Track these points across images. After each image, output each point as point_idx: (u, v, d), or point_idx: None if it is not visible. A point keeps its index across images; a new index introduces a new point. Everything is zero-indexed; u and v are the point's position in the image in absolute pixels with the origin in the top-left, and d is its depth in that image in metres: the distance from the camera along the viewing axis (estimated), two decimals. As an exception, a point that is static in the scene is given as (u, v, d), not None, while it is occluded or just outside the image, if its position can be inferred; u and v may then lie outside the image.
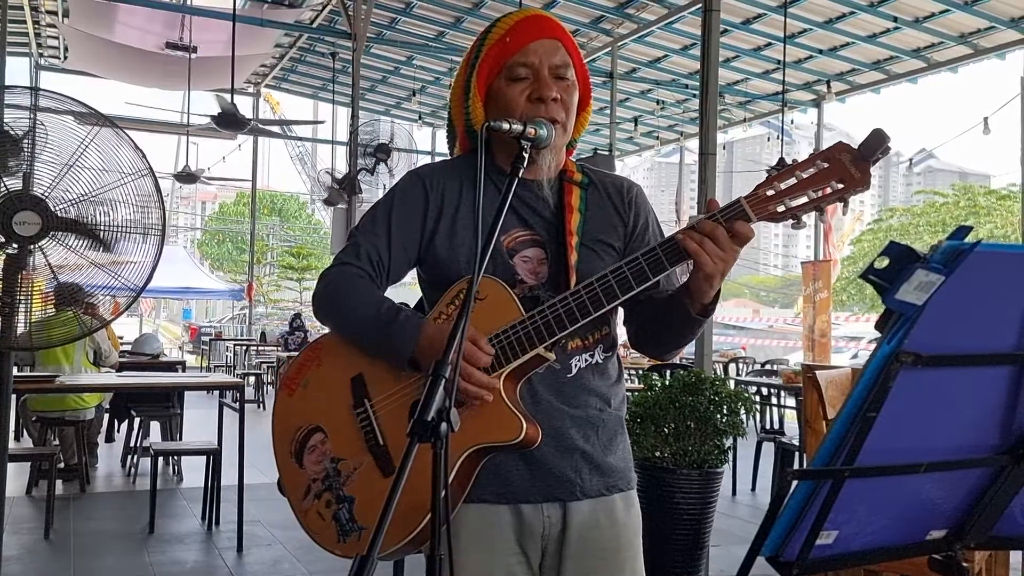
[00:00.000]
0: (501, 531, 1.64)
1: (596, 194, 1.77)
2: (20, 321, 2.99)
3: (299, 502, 1.71)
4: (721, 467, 4.30)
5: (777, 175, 1.48)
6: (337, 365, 1.71)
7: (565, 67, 1.69)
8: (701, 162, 6.57)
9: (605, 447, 1.71)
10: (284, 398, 1.78)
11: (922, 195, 38.67)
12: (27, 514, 5.55)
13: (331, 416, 1.69)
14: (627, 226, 1.78)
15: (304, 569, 4.57)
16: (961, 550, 1.30)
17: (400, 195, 1.75)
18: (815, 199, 1.45)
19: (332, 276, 1.73)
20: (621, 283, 1.53)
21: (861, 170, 1.41)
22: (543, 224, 1.71)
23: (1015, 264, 1.09)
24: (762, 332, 28.55)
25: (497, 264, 1.65)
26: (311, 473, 1.70)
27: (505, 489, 1.64)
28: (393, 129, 12.40)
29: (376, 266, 1.71)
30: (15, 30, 14.43)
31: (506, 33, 1.70)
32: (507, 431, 1.54)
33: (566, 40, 1.72)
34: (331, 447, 1.69)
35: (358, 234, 1.75)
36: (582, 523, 1.67)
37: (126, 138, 2.91)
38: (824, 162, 1.43)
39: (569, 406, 1.66)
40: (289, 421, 1.76)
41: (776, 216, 1.48)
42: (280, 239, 41.30)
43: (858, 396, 1.08)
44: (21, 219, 2.85)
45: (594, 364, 1.70)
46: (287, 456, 1.74)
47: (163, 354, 9.41)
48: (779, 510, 1.14)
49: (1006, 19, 10.35)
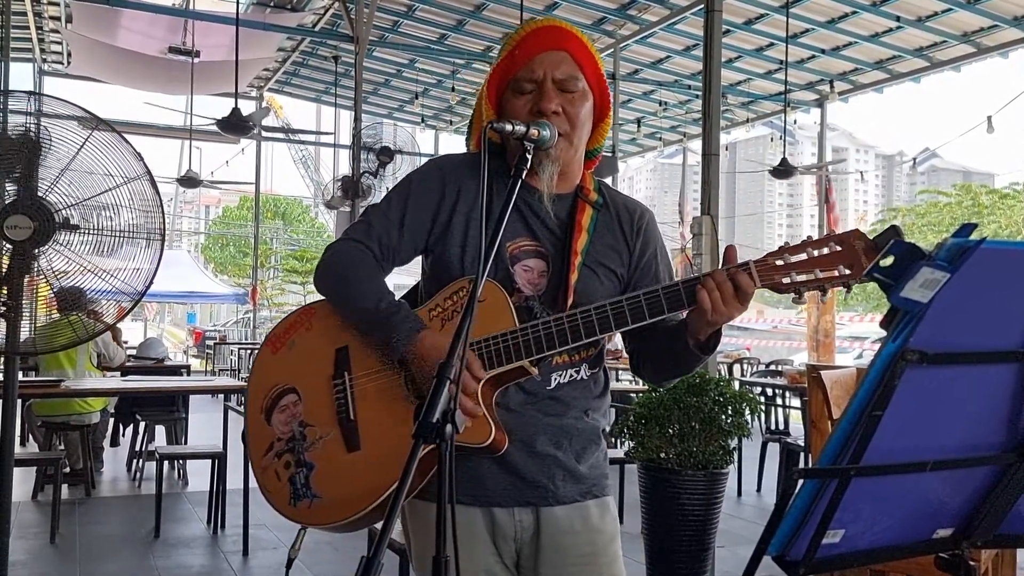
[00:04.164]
0: (477, 531, 1.68)
1: (607, 217, 1.78)
2: (24, 326, 2.99)
3: (260, 457, 1.75)
4: (726, 468, 4.30)
5: (789, 247, 1.51)
6: (326, 333, 1.73)
7: (571, 79, 1.68)
8: (704, 163, 6.57)
9: (578, 455, 1.72)
10: (268, 354, 1.80)
11: (926, 194, 38.62)
12: (33, 519, 5.56)
13: (309, 381, 1.72)
14: (632, 253, 1.78)
15: (310, 572, 4.57)
16: (968, 549, 1.29)
17: (418, 183, 1.77)
18: (820, 279, 1.48)
19: (339, 251, 1.74)
20: (617, 317, 1.56)
21: (870, 260, 1.43)
22: (549, 237, 1.72)
23: (1020, 261, 1.09)
24: (767, 333, 28.50)
25: (498, 269, 1.67)
26: (278, 432, 1.73)
27: (479, 492, 1.67)
28: (396, 132, 12.41)
29: (384, 249, 1.73)
30: (18, 35, 14.47)
31: (516, 46, 1.71)
32: (477, 434, 1.56)
33: (577, 50, 1.70)
34: (302, 411, 1.72)
35: (372, 214, 1.77)
36: (557, 529, 1.69)
37: (124, 141, 2.91)
38: (837, 245, 1.46)
39: (544, 414, 1.69)
40: (267, 377, 1.78)
41: (780, 287, 1.51)
42: (284, 242, 41.33)
43: (864, 394, 1.08)
44: (12, 223, 2.85)
45: (578, 380, 1.72)
46: (257, 411, 1.77)
47: (168, 358, 9.42)
48: (785, 509, 1.13)
49: (1009, 18, 10.33)
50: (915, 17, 10.72)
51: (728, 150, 15.33)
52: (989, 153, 74.24)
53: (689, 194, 19.94)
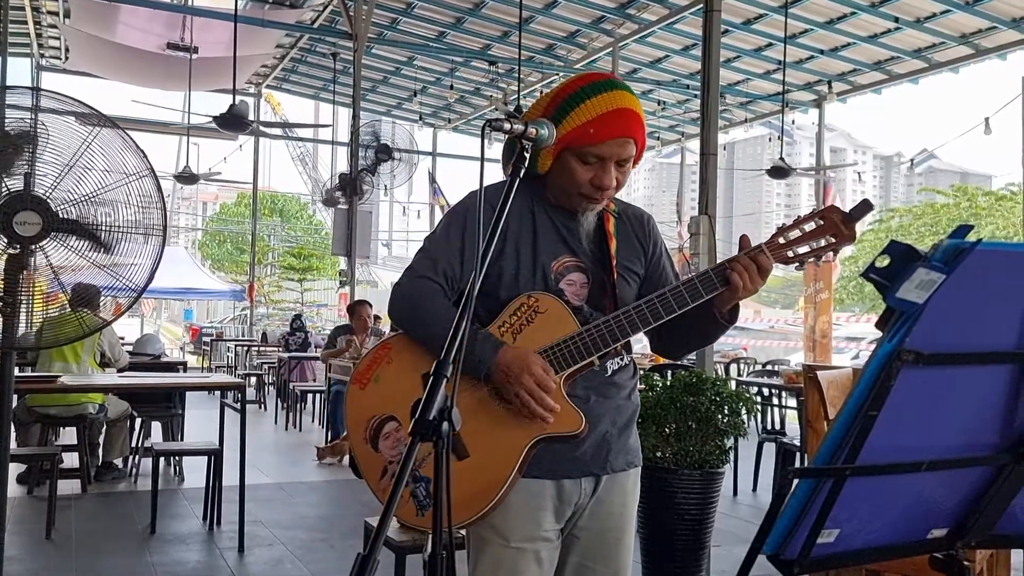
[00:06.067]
0: (544, 501, 1.92)
1: (624, 224, 2.06)
2: (23, 321, 2.99)
3: (376, 481, 1.94)
4: (722, 467, 4.30)
5: (785, 227, 1.86)
6: (408, 363, 1.94)
7: (630, 158, 1.92)
8: (702, 162, 6.57)
9: (623, 429, 2.01)
10: (356, 391, 1.98)
11: (924, 193, 38.65)
12: (28, 514, 5.56)
13: (404, 407, 1.84)
14: (647, 255, 2.07)
15: (306, 569, 4.57)
16: (962, 549, 1.30)
17: (472, 215, 1.98)
18: (814, 249, 1.84)
19: (411, 288, 1.96)
20: (665, 306, 1.83)
21: (848, 228, 1.80)
22: (585, 251, 1.98)
23: (1016, 263, 1.09)
24: (763, 333, 28.51)
25: (548, 286, 1.93)
26: (387, 456, 1.93)
27: (553, 467, 1.91)
28: (394, 129, 12.40)
29: (449, 280, 1.96)
30: (16, 31, 14.44)
31: (591, 123, 1.86)
32: (570, 424, 1.83)
33: (637, 130, 1.91)
34: (405, 434, 1.89)
35: (433, 247, 1.99)
36: (606, 493, 1.99)
37: (128, 139, 2.92)
38: (820, 220, 1.82)
39: (604, 398, 1.96)
40: (363, 411, 1.97)
41: (786, 260, 1.86)
42: (281, 239, 41.25)
43: (859, 395, 1.08)
44: (22, 219, 2.85)
45: (624, 365, 2.02)
46: (362, 441, 1.96)
47: (164, 355, 9.41)
48: (780, 509, 1.14)
49: (1007, 19, 10.35)
50: (914, 18, 10.73)
51: (726, 150, 15.34)
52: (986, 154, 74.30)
53: (687, 194, 19.96)
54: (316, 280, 32.34)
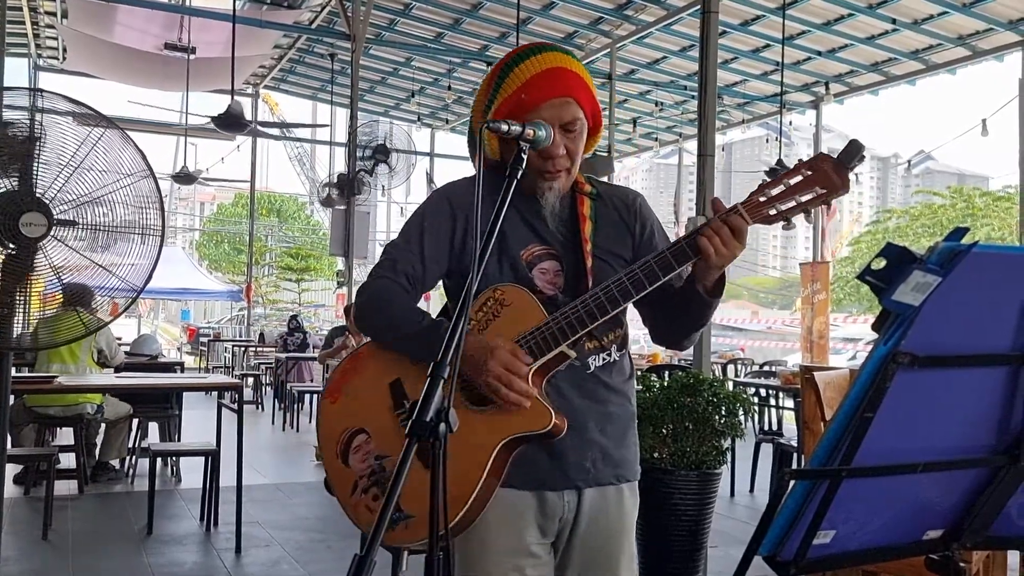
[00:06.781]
0: (525, 513, 1.81)
1: (604, 206, 1.92)
2: (20, 321, 2.98)
3: (347, 497, 1.85)
4: (719, 468, 4.30)
5: (768, 183, 1.67)
6: (376, 372, 1.86)
7: (574, 120, 1.80)
8: (700, 163, 6.57)
9: (618, 440, 1.88)
10: (328, 405, 1.92)
11: (921, 194, 38.68)
12: (25, 515, 5.55)
13: (373, 418, 1.84)
14: (635, 237, 1.93)
15: (303, 570, 4.57)
16: (958, 550, 1.30)
17: (430, 215, 1.90)
18: (802, 203, 1.64)
19: (373, 289, 1.87)
20: (634, 283, 1.69)
21: (841, 176, 1.60)
22: (557, 237, 1.86)
23: (1011, 265, 1.10)
24: (761, 333, 28.57)
25: (519, 277, 1.82)
26: (358, 471, 1.84)
27: (531, 476, 1.80)
28: (392, 130, 12.40)
29: (411, 280, 1.87)
30: (14, 31, 14.41)
31: (522, 88, 1.77)
32: (538, 421, 1.70)
33: (577, 90, 1.79)
34: (375, 446, 1.83)
35: (393, 250, 1.90)
36: (592, 508, 1.85)
37: (128, 139, 2.92)
38: (808, 170, 1.63)
39: (590, 400, 1.83)
40: (334, 426, 1.89)
41: (769, 218, 1.67)
42: (279, 240, 41.24)
43: (855, 396, 1.09)
44: (27, 220, 2.85)
45: (611, 362, 1.87)
46: (333, 457, 1.88)
47: (161, 355, 9.40)
48: (776, 510, 1.14)
49: (1004, 21, 10.36)
50: (911, 20, 10.75)
51: (724, 151, 15.36)
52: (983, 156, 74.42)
53: (684, 194, 19.99)
54: (314, 280, 32.33)
